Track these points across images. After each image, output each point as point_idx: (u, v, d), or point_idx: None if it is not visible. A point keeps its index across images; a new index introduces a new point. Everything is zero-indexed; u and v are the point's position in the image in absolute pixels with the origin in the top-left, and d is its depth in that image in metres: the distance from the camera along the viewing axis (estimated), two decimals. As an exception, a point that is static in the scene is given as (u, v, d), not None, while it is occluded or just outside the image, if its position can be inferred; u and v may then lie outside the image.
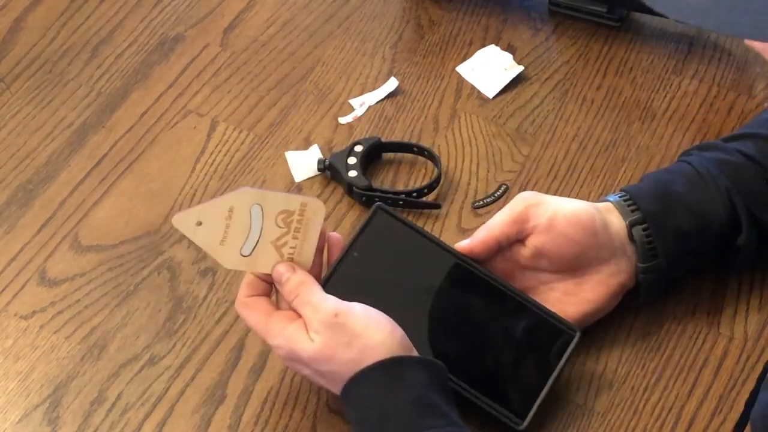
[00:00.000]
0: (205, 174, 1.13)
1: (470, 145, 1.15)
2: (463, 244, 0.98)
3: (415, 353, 0.91)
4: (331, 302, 0.91)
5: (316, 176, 1.12)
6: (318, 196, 1.05)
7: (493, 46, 1.22)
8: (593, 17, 1.23)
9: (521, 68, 1.20)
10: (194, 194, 1.11)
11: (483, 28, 1.24)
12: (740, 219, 0.98)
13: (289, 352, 0.91)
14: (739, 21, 0.59)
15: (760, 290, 1.04)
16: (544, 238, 0.96)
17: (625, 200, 0.98)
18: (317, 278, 0.94)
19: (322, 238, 0.95)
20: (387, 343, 0.89)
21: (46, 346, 1.02)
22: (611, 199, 0.99)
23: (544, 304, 0.96)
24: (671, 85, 1.19)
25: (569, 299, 0.98)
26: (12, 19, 1.27)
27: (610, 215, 0.98)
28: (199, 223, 0.91)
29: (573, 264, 0.97)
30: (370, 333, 0.89)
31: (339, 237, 0.97)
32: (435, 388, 0.89)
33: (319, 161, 1.12)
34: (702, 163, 1.00)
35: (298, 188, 1.11)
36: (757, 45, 0.65)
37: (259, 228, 0.92)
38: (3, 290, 1.06)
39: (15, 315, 1.04)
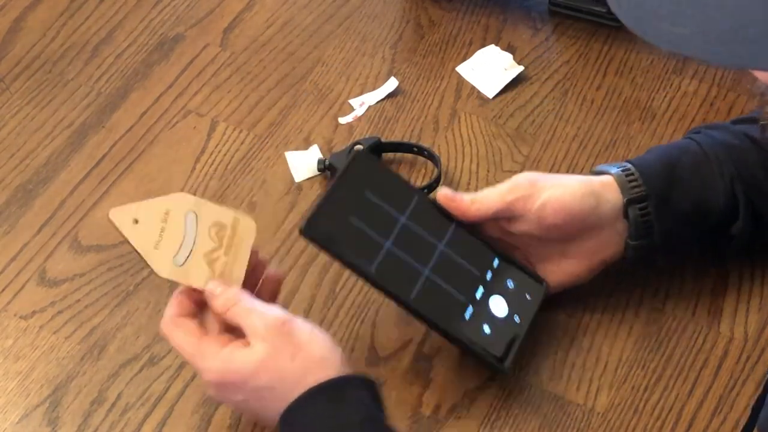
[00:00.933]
0: (205, 174, 1.13)
1: (470, 145, 1.15)
2: (447, 195, 0.98)
3: (350, 371, 0.88)
4: (278, 310, 0.89)
5: (316, 176, 1.12)
6: (318, 196, 1.05)
7: (493, 46, 1.22)
8: (593, 17, 1.23)
9: (521, 68, 1.20)
10: (194, 194, 1.11)
11: (483, 28, 1.24)
12: (739, 208, 0.98)
13: (222, 374, 0.88)
14: (733, 50, 0.57)
15: (760, 290, 1.04)
16: (532, 226, 0.97)
17: (627, 175, 0.98)
18: None
19: (254, 257, 0.92)
20: (328, 358, 0.87)
21: (46, 346, 1.02)
22: (613, 171, 0.99)
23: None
24: (671, 85, 1.19)
25: (550, 269, 1.00)
26: (12, 19, 1.27)
27: (607, 192, 0.98)
28: (136, 221, 0.90)
29: (558, 241, 0.99)
30: (313, 346, 0.87)
31: (278, 273, 0.95)
32: (376, 403, 0.88)
33: (319, 161, 1.12)
34: (710, 145, 1.00)
35: (298, 188, 1.11)
36: (761, 75, 0.64)
37: (193, 237, 0.91)
38: (3, 290, 1.06)
39: (15, 315, 1.04)
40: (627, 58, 1.21)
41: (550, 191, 0.97)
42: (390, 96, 1.19)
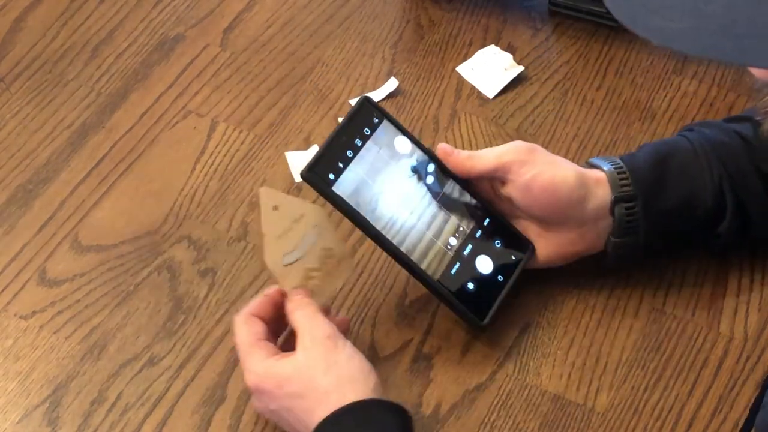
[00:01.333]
0: (205, 174, 1.13)
1: (470, 145, 1.15)
2: (445, 149, 1.01)
3: (387, 399, 0.90)
4: (330, 326, 0.92)
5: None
6: (318, 197, 1.05)
7: (493, 46, 1.22)
8: (593, 17, 1.23)
9: (521, 68, 1.20)
10: (194, 194, 1.11)
11: (483, 28, 1.24)
12: (726, 208, 0.99)
13: (260, 379, 0.91)
14: (722, 45, 0.59)
15: (760, 290, 1.04)
16: (518, 193, 0.99)
17: (619, 173, 0.99)
18: None
19: (328, 302, 0.98)
20: (360, 380, 0.89)
21: (46, 346, 1.02)
22: (606, 168, 0.99)
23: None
24: (671, 85, 1.19)
25: None
26: (12, 19, 1.27)
27: (598, 188, 0.98)
28: (276, 208, 0.94)
29: (538, 220, 1.00)
30: (349, 366, 0.90)
31: (344, 319, 0.98)
32: (402, 430, 0.88)
33: (319, 161, 1.12)
34: (701, 143, 1.00)
35: (297, 188, 1.11)
36: (758, 72, 0.65)
37: (305, 250, 0.95)
38: (3, 290, 1.06)
39: (15, 315, 1.04)
40: (627, 59, 1.21)
41: (545, 167, 0.98)
42: (390, 96, 1.19)
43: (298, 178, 1.12)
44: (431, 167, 1.01)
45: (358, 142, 0.99)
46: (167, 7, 1.27)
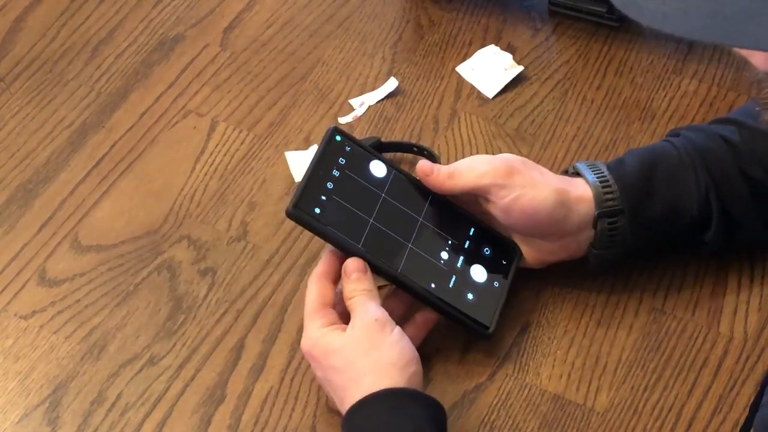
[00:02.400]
0: (205, 174, 1.13)
1: (470, 145, 1.15)
2: (425, 169, 1.00)
3: (422, 391, 0.92)
4: (380, 310, 0.94)
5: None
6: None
7: (493, 46, 1.22)
8: (593, 17, 1.23)
9: (521, 68, 1.20)
10: (194, 194, 1.11)
11: (483, 28, 1.24)
12: (712, 216, 0.99)
13: (312, 345, 0.93)
14: (713, 27, 0.60)
15: (760, 290, 1.04)
16: (498, 213, 0.99)
17: (604, 186, 0.98)
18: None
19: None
20: (399, 367, 0.91)
21: (46, 346, 1.02)
22: (591, 180, 0.99)
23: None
24: (671, 85, 1.19)
25: None
26: (12, 19, 1.27)
27: (579, 205, 0.98)
28: None
29: (518, 235, 1.01)
30: (390, 352, 0.91)
31: (431, 318, 0.99)
32: (434, 426, 0.90)
33: (319, 161, 1.12)
34: (687, 151, 1.00)
35: (298, 188, 1.11)
36: (743, 52, 0.67)
37: None
38: (3, 290, 1.06)
39: (15, 315, 1.04)
40: (627, 58, 1.21)
41: (524, 191, 0.97)
42: (390, 96, 1.19)
43: (298, 178, 1.12)
44: (410, 187, 1.02)
45: (335, 172, 0.99)
46: (167, 7, 1.27)
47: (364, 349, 0.91)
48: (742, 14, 0.60)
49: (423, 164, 1.01)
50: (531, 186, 0.98)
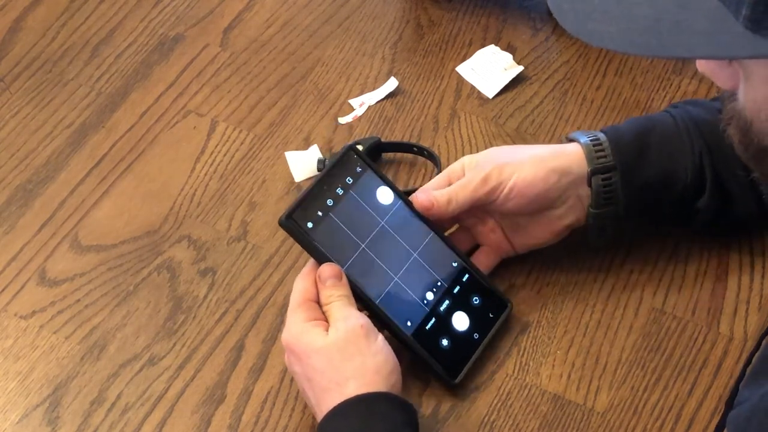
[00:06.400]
0: (205, 174, 1.13)
1: (470, 145, 1.15)
2: (424, 204, 1.00)
3: (394, 393, 0.92)
4: (364, 318, 0.93)
5: (315, 176, 1.12)
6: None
7: (493, 46, 1.22)
8: (593, 17, 1.23)
9: (521, 68, 1.20)
10: (194, 194, 1.11)
11: (483, 28, 1.24)
12: (706, 182, 0.99)
13: (293, 340, 0.93)
14: (645, 42, 0.67)
15: (760, 290, 1.04)
16: (500, 208, 1.01)
17: (595, 145, 1.00)
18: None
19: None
20: (382, 375, 0.91)
21: (46, 346, 1.02)
22: (582, 141, 1.01)
23: (491, 239, 1.03)
24: (671, 85, 1.19)
25: (516, 233, 1.03)
26: (12, 19, 1.27)
27: (571, 164, 1.00)
28: None
29: (530, 216, 1.02)
30: (375, 360, 0.91)
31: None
32: (407, 429, 0.90)
33: (319, 161, 1.12)
34: (684, 119, 1.01)
35: (297, 188, 1.11)
36: (700, 68, 0.75)
37: None
38: (3, 290, 1.06)
39: (15, 315, 1.04)
40: (627, 58, 1.21)
41: (516, 175, 0.99)
42: (390, 96, 1.19)
43: (297, 178, 1.12)
44: (413, 219, 1.01)
45: (339, 191, 0.98)
46: (167, 7, 1.27)
47: (349, 353, 0.91)
48: (675, 28, 0.66)
49: (421, 200, 1.00)
50: (519, 168, 0.99)
